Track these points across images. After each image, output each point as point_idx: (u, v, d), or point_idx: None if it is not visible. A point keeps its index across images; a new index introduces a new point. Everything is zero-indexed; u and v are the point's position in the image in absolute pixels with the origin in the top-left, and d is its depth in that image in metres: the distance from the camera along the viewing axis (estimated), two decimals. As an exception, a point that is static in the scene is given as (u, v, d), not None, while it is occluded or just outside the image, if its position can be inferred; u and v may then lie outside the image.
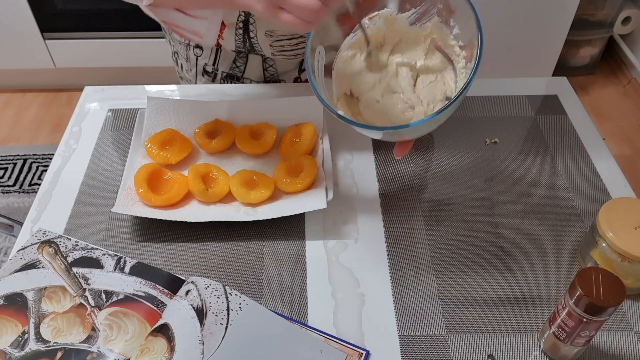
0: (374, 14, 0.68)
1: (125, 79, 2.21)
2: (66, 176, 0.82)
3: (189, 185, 0.76)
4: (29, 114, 2.22)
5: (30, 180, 1.95)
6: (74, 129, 0.89)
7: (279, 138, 0.84)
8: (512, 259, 0.72)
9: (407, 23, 0.69)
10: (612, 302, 0.54)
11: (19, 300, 0.67)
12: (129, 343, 0.62)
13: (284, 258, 0.72)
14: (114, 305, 0.66)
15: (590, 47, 2.27)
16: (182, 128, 0.85)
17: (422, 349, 0.63)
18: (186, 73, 1.01)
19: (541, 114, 0.92)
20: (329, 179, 0.77)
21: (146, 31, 2.04)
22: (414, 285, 0.69)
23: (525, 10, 1.86)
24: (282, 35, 0.87)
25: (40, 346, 0.63)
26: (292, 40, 0.88)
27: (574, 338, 0.58)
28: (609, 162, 0.84)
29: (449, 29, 0.66)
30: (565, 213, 0.77)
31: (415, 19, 0.68)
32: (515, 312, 0.67)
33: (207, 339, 0.62)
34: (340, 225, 0.76)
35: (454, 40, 0.67)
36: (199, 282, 0.67)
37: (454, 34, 0.66)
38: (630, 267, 0.64)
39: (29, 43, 2.08)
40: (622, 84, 2.33)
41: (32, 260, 0.70)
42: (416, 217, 0.77)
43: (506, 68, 2.03)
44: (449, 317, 0.66)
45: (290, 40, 0.88)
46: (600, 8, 2.16)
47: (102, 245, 0.73)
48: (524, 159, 0.85)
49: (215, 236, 0.74)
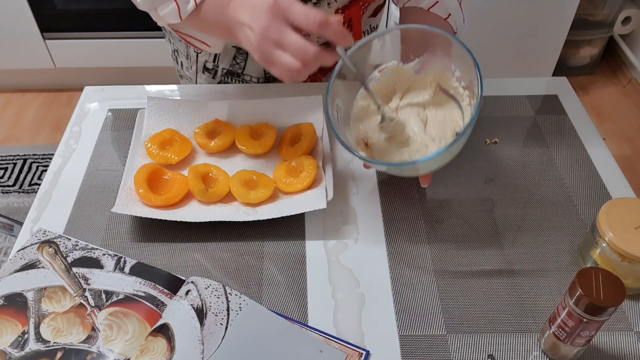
0: (382, 67, 0.73)
1: (125, 79, 2.21)
2: (66, 176, 0.82)
3: (189, 185, 0.76)
4: (29, 114, 2.22)
5: (30, 180, 1.95)
6: (74, 129, 0.89)
7: (279, 138, 0.84)
8: (512, 259, 0.72)
9: (412, 72, 0.74)
10: (612, 302, 0.54)
11: (19, 300, 0.67)
12: (129, 343, 0.62)
13: (284, 258, 0.72)
14: (114, 305, 0.66)
15: (590, 47, 2.27)
16: (182, 128, 0.85)
17: (422, 349, 0.63)
18: (186, 71, 1.01)
19: (541, 114, 0.92)
20: (329, 179, 0.77)
21: (146, 31, 2.04)
22: (414, 285, 0.69)
23: (525, 11, 1.86)
24: None
25: (40, 346, 0.63)
26: None
27: (574, 338, 0.58)
28: (609, 162, 0.84)
29: (451, 73, 0.71)
30: (565, 213, 0.77)
31: (419, 67, 0.73)
32: (515, 312, 0.67)
33: (207, 339, 0.62)
34: (340, 225, 0.76)
35: (457, 82, 0.71)
36: (199, 282, 0.67)
37: (456, 76, 0.71)
38: (630, 267, 0.64)
39: (29, 43, 2.08)
40: (622, 84, 2.33)
41: (32, 260, 0.70)
42: (416, 217, 0.77)
43: (506, 68, 2.03)
44: (449, 317, 0.66)
45: None
46: (600, 8, 2.16)
47: (102, 245, 0.73)
48: (524, 159, 0.85)
49: (215, 236, 0.74)
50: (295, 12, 0.58)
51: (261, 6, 0.59)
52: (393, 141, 0.73)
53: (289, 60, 0.59)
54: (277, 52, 0.60)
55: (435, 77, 0.73)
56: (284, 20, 0.59)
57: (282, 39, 0.59)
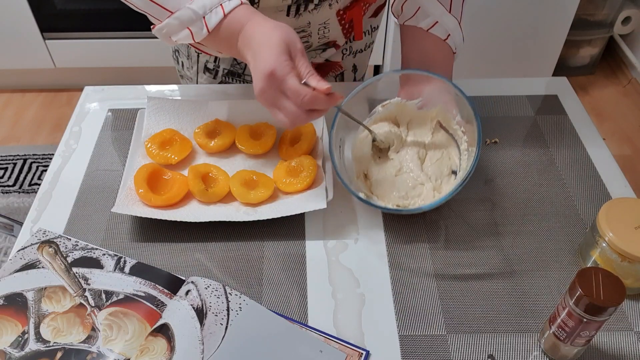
0: (385, 102, 0.79)
1: (125, 79, 2.21)
2: (66, 176, 0.82)
3: (189, 185, 0.76)
4: (29, 114, 2.22)
5: (30, 180, 1.95)
6: (74, 129, 0.89)
7: (279, 138, 0.84)
8: (512, 259, 0.72)
9: (415, 107, 0.78)
10: (612, 302, 0.54)
11: (19, 301, 0.67)
12: (129, 343, 0.62)
13: (284, 258, 0.72)
14: (113, 305, 0.66)
15: (590, 47, 2.27)
16: (182, 128, 0.85)
17: (422, 349, 0.63)
18: (187, 71, 1.01)
19: (541, 114, 0.92)
20: (329, 179, 0.77)
21: (146, 31, 2.03)
22: (414, 285, 0.69)
23: (525, 11, 1.86)
24: None
25: (40, 346, 0.63)
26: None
27: (574, 338, 0.58)
28: (609, 162, 0.84)
29: (451, 115, 0.75)
30: (565, 213, 0.77)
31: (421, 104, 0.78)
32: (515, 312, 0.67)
33: (207, 339, 0.62)
34: (340, 225, 0.76)
35: (457, 125, 0.75)
36: (199, 282, 0.67)
37: (457, 120, 0.75)
38: (631, 267, 0.64)
39: (29, 43, 2.08)
40: (622, 84, 2.33)
41: (32, 260, 0.70)
42: (416, 217, 0.77)
43: (506, 68, 2.03)
44: (449, 317, 0.66)
45: None
46: (600, 8, 2.16)
47: (102, 245, 0.73)
48: (524, 159, 0.85)
49: (215, 236, 0.74)
50: (287, 88, 0.63)
51: (261, 69, 0.63)
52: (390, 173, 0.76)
53: (283, 119, 0.66)
54: (273, 109, 0.66)
55: (437, 115, 0.77)
56: (278, 89, 0.64)
57: (277, 103, 0.65)
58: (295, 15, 0.84)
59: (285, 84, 0.63)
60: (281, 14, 0.83)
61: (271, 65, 0.63)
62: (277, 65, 0.63)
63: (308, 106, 0.64)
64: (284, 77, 0.63)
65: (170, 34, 0.71)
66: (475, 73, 2.01)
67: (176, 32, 0.70)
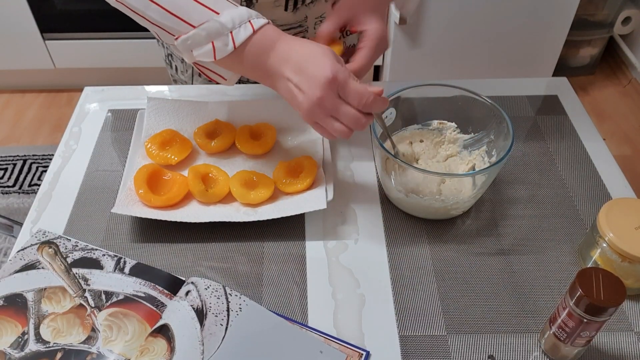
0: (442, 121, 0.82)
1: (125, 80, 2.21)
2: (66, 177, 0.82)
3: (188, 186, 0.76)
4: (29, 114, 2.22)
5: (30, 180, 1.95)
6: (73, 130, 0.89)
7: (279, 138, 0.84)
8: (512, 259, 0.72)
9: (462, 141, 0.82)
10: (612, 302, 0.53)
11: (18, 301, 0.67)
12: (128, 344, 0.62)
13: (284, 258, 0.72)
14: (113, 305, 0.66)
15: (590, 47, 2.27)
16: (182, 128, 0.85)
17: (422, 350, 0.63)
18: (181, 75, 1.00)
19: (541, 114, 0.92)
20: (329, 179, 0.77)
21: (146, 31, 2.04)
22: (414, 286, 0.69)
23: (525, 11, 1.86)
24: (280, 25, 0.87)
25: (40, 347, 0.63)
26: (291, 30, 0.88)
27: (574, 338, 0.58)
28: (609, 162, 0.84)
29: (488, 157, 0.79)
30: (565, 213, 0.77)
31: (470, 143, 0.82)
32: (515, 313, 0.67)
33: (207, 340, 0.62)
34: (340, 225, 0.76)
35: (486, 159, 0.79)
36: (199, 282, 0.66)
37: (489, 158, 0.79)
38: (631, 268, 0.64)
39: (28, 43, 2.08)
40: (622, 84, 2.33)
41: (32, 261, 0.70)
42: (416, 217, 0.77)
43: (506, 68, 2.03)
44: (449, 318, 0.66)
45: (289, 30, 0.88)
46: (600, 8, 2.16)
47: (102, 246, 0.73)
48: (524, 159, 0.85)
49: (215, 236, 0.74)
50: (350, 91, 0.63)
51: (320, 77, 0.63)
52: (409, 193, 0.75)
53: (340, 128, 0.65)
54: (328, 119, 0.65)
55: (474, 159, 0.80)
56: (338, 95, 0.64)
57: (337, 110, 0.65)
58: (293, 9, 0.84)
59: (347, 88, 0.63)
60: (279, 9, 0.83)
61: (331, 70, 0.63)
62: (338, 70, 0.63)
63: (369, 108, 0.64)
64: (346, 80, 0.63)
65: (193, 47, 0.68)
66: (475, 73, 2.01)
67: (201, 44, 0.67)
